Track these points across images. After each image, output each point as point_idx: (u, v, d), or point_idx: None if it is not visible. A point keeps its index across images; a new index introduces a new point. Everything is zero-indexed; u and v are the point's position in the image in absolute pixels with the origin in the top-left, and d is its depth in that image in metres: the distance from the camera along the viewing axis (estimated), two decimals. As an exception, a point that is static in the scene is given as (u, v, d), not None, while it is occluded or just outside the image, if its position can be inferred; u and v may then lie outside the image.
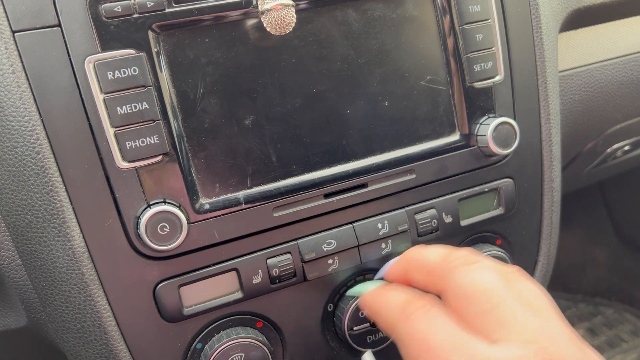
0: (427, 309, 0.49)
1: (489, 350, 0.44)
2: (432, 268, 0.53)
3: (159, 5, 0.56)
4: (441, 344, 0.46)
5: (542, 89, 0.76)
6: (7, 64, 0.54)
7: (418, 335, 0.48)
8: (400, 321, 0.50)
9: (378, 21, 0.66)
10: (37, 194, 0.56)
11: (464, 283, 0.49)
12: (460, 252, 0.53)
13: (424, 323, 0.48)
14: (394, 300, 0.53)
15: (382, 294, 0.56)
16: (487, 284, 0.48)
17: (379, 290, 0.57)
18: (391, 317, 0.52)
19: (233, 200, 0.62)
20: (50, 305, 0.62)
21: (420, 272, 0.55)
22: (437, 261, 0.53)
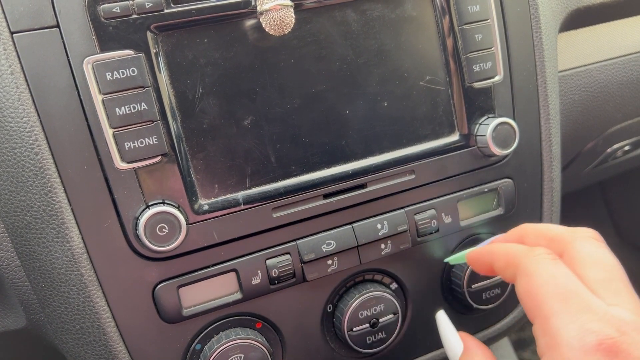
0: (554, 257, 0.51)
1: (606, 308, 0.46)
2: (556, 235, 0.54)
3: (157, 6, 0.56)
4: (568, 284, 0.48)
5: (541, 89, 0.76)
6: (6, 65, 0.54)
7: (548, 271, 0.49)
8: (527, 257, 0.51)
9: (377, 21, 0.66)
10: (36, 195, 0.56)
11: (595, 252, 0.51)
12: (588, 230, 0.55)
13: (549, 264, 0.50)
14: (515, 247, 0.55)
15: (498, 245, 0.58)
16: (614, 261, 0.51)
17: (493, 244, 0.59)
18: (516, 254, 0.53)
19: (232, 200, 0.62)
20: (49, 306, 0.62)
21: (539, 237, 0.56)
22: (562, 231, 0.55)
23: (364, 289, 0.69)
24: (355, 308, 0.68)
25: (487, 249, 0.59)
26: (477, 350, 0.59)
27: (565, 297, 0.47)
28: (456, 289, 0.74)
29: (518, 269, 0.52)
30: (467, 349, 0.59)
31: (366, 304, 0.68)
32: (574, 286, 0.48)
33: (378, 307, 0.69)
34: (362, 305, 0.68)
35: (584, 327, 0.45)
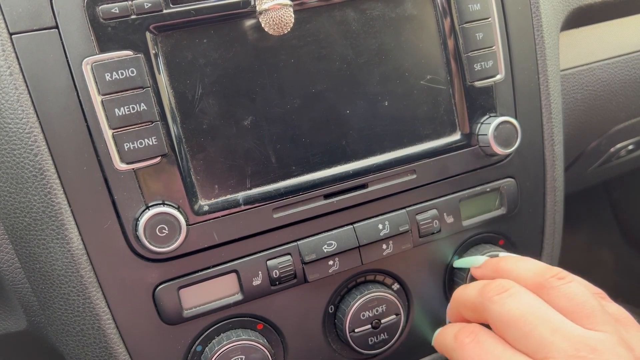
0: (475, 334, 0.54)
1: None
2: (473, 305, 0.58)
3: (156, 7, 0.56)
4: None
5: (543, 88, 0.75)
6: (5, 66, 0.53)
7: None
8: (454, 351, 0.56)
9: (377, 20, 0.66)
10: (35, 197, 0.56)
11: (501, 312, 0.53)
12: (494, 283, 0.56)
13: (475, 348, 0.53)
14: (448, 333, 0.58)
15: (442, 330, 0.61)
16: (523, 310, 0.51)
17: (442, 329, 0.62)
18: (448, 347, 0.57)
19: (232, 201, 0.61)
20: (50, 308, 0.62)
21: (466, 310, 0.60)
22: (475, 297, 0.57)
23: (366, 290, 0.69)
24: (357, 309, 0.68)
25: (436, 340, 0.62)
26: None
27: None
28: (459, 290, 0.74)
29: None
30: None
31: (368, 304, 0.68)
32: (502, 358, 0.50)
33: (380, 308, 0.69)
34: (364, 306, 0.68)
35: None
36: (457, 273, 0.73)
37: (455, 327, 0.58)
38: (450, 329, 0.59)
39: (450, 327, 0.60)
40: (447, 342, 0.58)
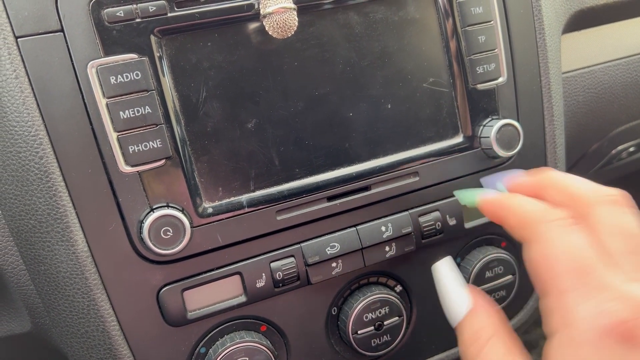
0: (572, 222, 0.47)
1: (625, 285, 0.42)
2: (580, 193, 0.49)
3: (161, 10, 0.56)
4: (583, 260, 0.44)
5: (545, 91, 0.75)
6: (10, 69, 0.54)
7: (562, 242, 0.45)
8: (540, 222, 0.47)
9: (380, 24, 0.66)
10: (41, 199, 0.56)
11: (618, 219, 0.47)
12: (614, 191, 0.49)
13: (567, 233, 0.46)
14: (533, 205, 0.50)
15: (514, 198, 0.53)
16: (637, 228, 0.46)
17: (509, 195, 0.54)
18: (529, 216, 0.49)
19: (236, 203, 0.62)
20: (54, 309, 0.62)
21: (561, 193, 0.51)
22: (587, 189, 0.49)
23: (369, 292, 0.69)
24: (360, 311, 0.68)
25: (501, 200, 0.54)
26: (487, 312, 0.51)
27: (582, 273, 0.43)
28: (461, 292, 0.74)
29: (533, 234, 0.48)
30: (475, 309, 0.52)
31: (371, 306, 0.68)
32: (593, 260, 0.44)
33: (383, 309, 0.69)
34: (367, 308, 0.68)
35: (599, 307, 0.41)
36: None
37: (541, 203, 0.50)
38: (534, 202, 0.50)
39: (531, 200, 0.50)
40: (528, 210, 0.49)
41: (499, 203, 0.54)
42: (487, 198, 0.56)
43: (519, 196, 0.53)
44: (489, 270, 0.73)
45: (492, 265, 0.74)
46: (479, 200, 0.57)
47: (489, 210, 0.55)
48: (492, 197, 0.55)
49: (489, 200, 0.55)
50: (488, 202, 0.55)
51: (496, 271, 0.74)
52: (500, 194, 0.55)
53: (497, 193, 0.56)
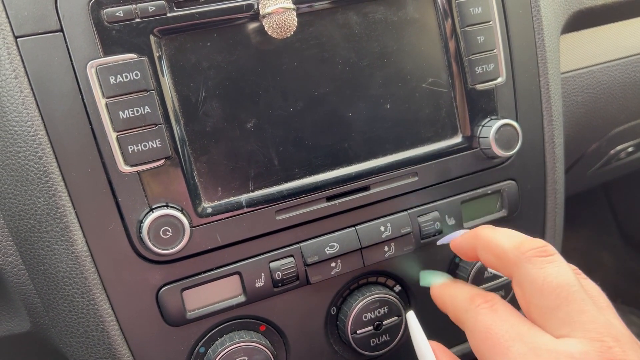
0: (493, 302, 0.52)
1: (553, 343, 0.45)
2: (504, 253, 0.53)
3: (160, 10, 0.57)
4: (504, 334, 0.48)
5: (544, 91, 0.76)
6: (10, 69, 0.54)
7: (483, 325, 0.50)
8: (467, 312, 0.53)
9: (379, 24, 0.66)
10: (40, 199, 0.56)
11: (537, 276, 0.49)
12: (535, 243, 0.52)
13: (489, 314, 0.50)
14: (463, 293, 0.56)
15: (451, 286, 0.59)
16: (560, 280, 0.48)
17: (448, 284, 0.61)
18: (459, 307, 0.55)
19: (235, 203, 0.62)
20: (54, 309, 0.62)
21: (490, 253, 0.55)
22: (510, 247, 0.53)
23: (368, 292, 0.69)
24: (359, 311, 0.68)
25: (441, 290, 0.61)
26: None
27: (509, 345, 0.46)
28: (460, 291, 0.74)
29: (463, 327, 0.54)
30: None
31: (370, 306, 0.68)
32: (517, 329, 0.47)
33: (382, 309, 0.69)
34: (366, 307, 0.68)
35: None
36: (459, 275, 0.74)
37: (472, 289, 0.56)
38: (465, 289, 0.56)
39: (467, 288, 0.57)
40: (459, 301, 0.55)
41: (440, 293, 0.61)
42: (434, 286, 0.63)
43: (453, 286, 0.60)
44: (488, 270, 0.74)
45: (491, 265, 0.74)
46: (431, 287, 0.63)
47: (435, 298, 0.62)
48: (438, 286, 0.62)
49: (435, 288, 0.62)
50: (434, 290, 0.62)
51: (495, 271, 0.74)
52: (444, 283, 0.62)
53: (444, 280, 0.63)
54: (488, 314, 0.50)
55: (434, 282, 0.63)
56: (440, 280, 0.63)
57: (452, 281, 0.62)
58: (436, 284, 0.62)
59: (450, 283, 0.61)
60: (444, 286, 0.61)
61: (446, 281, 0.62)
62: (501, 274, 0.56)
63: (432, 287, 0.63)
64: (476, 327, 0.51)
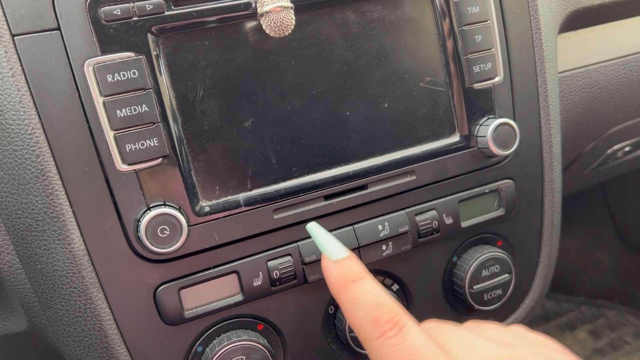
0: (399, 327, 0.49)
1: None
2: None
3: (158, 8, 0.56)
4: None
5: (541, 90, 0.76)
6: (7, 68, 0.54)
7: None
8: (372, 339, 0.49)
9: (377, 23, 0.66)
10: (37, 197, 0.56)
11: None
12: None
13: (397, 346, 0.48)
14: (364, 306, 0.51)
15: (352, 283, 0.53)
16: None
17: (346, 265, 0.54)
18: (362, 330, 0.51)
19: (233, 202, 0.62)
20: (51, 308, 0.62)
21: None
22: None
23: (366, 291, 0.69)
24: (357, 309, 0.68)
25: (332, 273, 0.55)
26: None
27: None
28: (458, 290, 0.74)
29: (366, 351, 0.51)
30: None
31: (367, 305, 0.68)
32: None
33: (379, 308, 0.69)
34: (364, 306, 0.68)
35: None
36: (456, 274, 0.74)
37: (371, 306, 0.50)
38: (365, 307, 0.50)
39: (364, 304, 0.51)
40: (362, 323, 0.50)
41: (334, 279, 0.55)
42: (329, 262, 0.57)
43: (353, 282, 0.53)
44: (486, 269, 0.74)
45: (488, 264, 0.74)
46: (324, 260, 0.57)
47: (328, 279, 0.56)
48: (332, 265, 0.56)
49: (329, 266, 0.56)
50: (328, 268, 0.56)
51: (492, 270, 0.74)
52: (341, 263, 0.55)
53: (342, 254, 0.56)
54: (396, 346, 0.47)
55: (330, 252, 0.55)
56: (336, 253, 0.55)
57: (350, 261, 0.54)
58: (329, 258, 0.55)
59: (349, 266, 0.54)
60: (340, 268, 0.54)
61: (345, 256, 0.55)
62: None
63: (326, 262, 0.55)
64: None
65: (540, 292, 0.82)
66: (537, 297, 0.82)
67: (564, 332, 1.68)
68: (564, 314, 1.76)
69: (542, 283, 0.82)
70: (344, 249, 0.56)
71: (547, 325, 1.72)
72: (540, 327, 1.70)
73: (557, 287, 1.80)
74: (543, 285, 0.82)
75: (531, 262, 0.81)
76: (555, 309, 1.79)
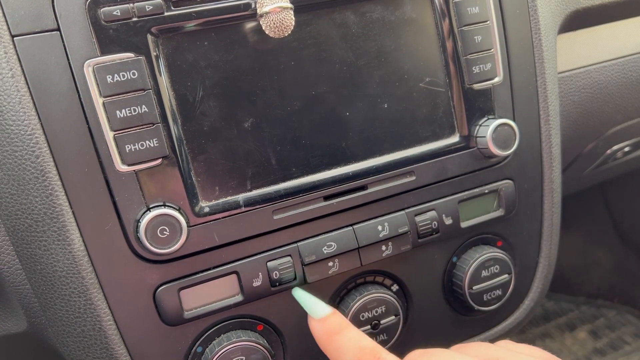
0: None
1: None
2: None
3: (157, 9, 0.56)
4: None
5: (541, 90, 0.76)
6: (7, 68, 0.54)
7: None
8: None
9: (377, 23, 0.66)
10: (37, 198, 0.56)
11: None
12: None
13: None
14: (348, 351, 0.55)
15: (336, 332, 0.57)
16: None
17: (330, 322, 0.59)
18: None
19: (233, 203, 0.62)
20: (50, 309, 0.62)
21: None
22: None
23: (365, 291, 0.69)
24: (357, 310, 0.68)
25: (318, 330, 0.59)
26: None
27: None
28: (457, 290, 0.74)
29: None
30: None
31: (367, 305, 0.68)
32: None
33: (379, 309, 0.69)
34: (363, 307, 0.68)
35: None
36: (456, 274, 0.74)
37: (354, 350, 0.55)
38: (349, 352, 0.55)
39: (348, 350, 0.55)
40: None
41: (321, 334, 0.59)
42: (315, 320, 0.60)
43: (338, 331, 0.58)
44: (485, 269, 0.74)
45: (488, 265, 0.74)
46: (311, 319, 0.61)
47: (316, 336, 0.60)
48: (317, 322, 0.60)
49: (315, 324, 0.60)
50: (315, 325, 0.60)
51: (492, 270, 0.74)
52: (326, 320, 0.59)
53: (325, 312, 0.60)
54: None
55: (314, 311, 0.60)
56: (320, 311, 0.59)
57: (334, 317, 0.59)
58: (314, 317, 0.59)
59: (332, 322, 0.58)
60: (325, 324, 0.58)
61: (328, 312, 0.59)
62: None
63: (312, 322, 0.60)
64: None
65: (540, 293, 0.82)
66: (536, 297, 0.82)
67: (564, 332, 1.68)
68: (564, 314, 1.76)
69: (542, 283, 0.82)
70: (327, 306, 0.60)
71: (547, 325, 1.72)
72: (540, 327, 1.70)
73: (557, 287, 1.80)
74: (543, 286, 0.82)
75: (531, 263, 0.81)
76: (555, 309, 1.79)
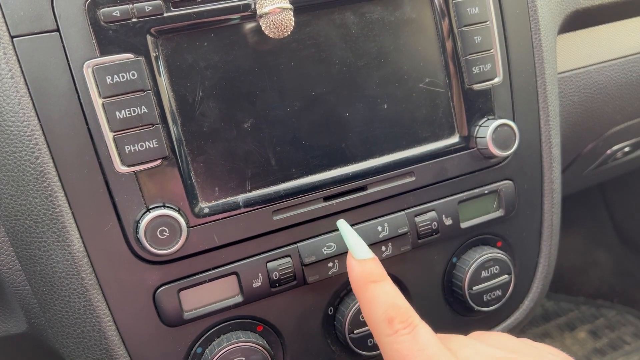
0: (412, 327, 0.52)
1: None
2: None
3: (157, 10, 0.56)
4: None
5: (541, 91, 0.76)
6: (6, 69, 0.54)
7: (400, 354, 0.51)
8: (386, 336, 0.53)
9: (376, 24, 0.66)
10: (37, 199, 0.56)
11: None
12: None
13: (408, 342, 0.51)
14: (379, 309, 0.54)
15: (371, 284, 0.56)
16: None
17: (368, 267, 0.57)
18: (377, 327, 0.54)
19: (232, 203, 0.62)
20: (50, 310, 0.62)
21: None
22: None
23: (365, 292, 0.69)
24: (356, 310, 0.68)
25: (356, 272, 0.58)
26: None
27: None
28: (457, 291, 0.74)
29: (379, 345, 0.54)
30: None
31: (367, 306, 0.68)
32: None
33: (379, 309, 0.69)
34: (363, 307, 0.68)
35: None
36: (456, 275, 0.74)
37: (391, 300, 0.54)
38: (382, 306, 0.54)
39: (381, 304, 0.54)
40: (378, 321, 0.54)
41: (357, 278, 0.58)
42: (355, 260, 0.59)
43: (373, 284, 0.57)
44: (485, 270, 0.74)
45: (488, 265, 0.74)
46: (350, 259, 0.60)
47: (351, 276, 0.59)
48: (358, 264, 0.59)
49: (355, 265, 0.59)
50: (354, 266, 0.59)
51: (492, 271, 0.74)
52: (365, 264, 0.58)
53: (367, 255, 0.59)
54: (406, 342, 0.51)
55: (356, 251, 0.59)
56: (362, 252, 0.58)
57: (374, 262, 0.58)
58: (355, 256, 0.58)
59: (372, 267, 0.57)
60: (364, 267, 0.57)
61: (369, 257, 0.58)
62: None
63: (351, 260, 0.58)
64: (393, 357, 0.52)
65: (539, 293, 0.82)
66: (536, 297, 0.82)
67: (564, 332, 1.68)
68: (563, 314, 1.77)
69: (542, 284, 0.82)
70: (370, 251, 0.59)
71: (547, 325, 1.72)
72: (540, 327, 1.70)
73: (557, 287, 1.80)
74: (543, 286, 0.82)
75: (531, 263, 0.81)
76: (555, 309, 1.79)
